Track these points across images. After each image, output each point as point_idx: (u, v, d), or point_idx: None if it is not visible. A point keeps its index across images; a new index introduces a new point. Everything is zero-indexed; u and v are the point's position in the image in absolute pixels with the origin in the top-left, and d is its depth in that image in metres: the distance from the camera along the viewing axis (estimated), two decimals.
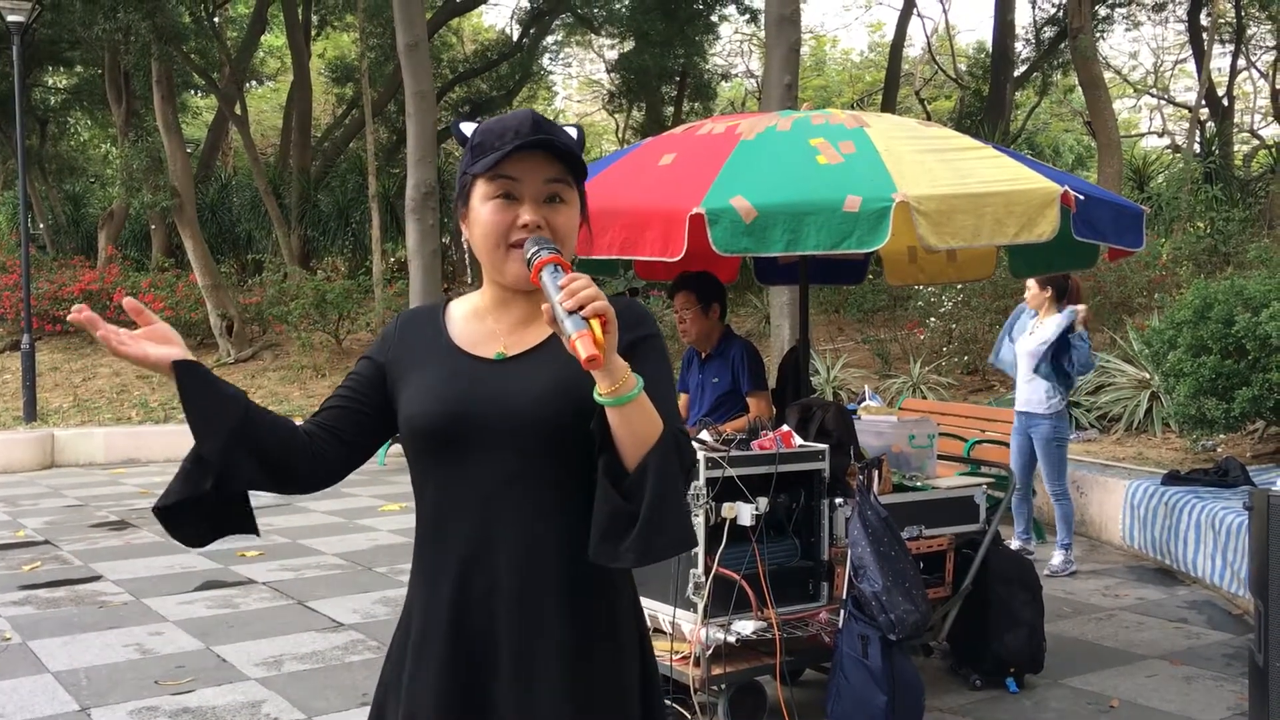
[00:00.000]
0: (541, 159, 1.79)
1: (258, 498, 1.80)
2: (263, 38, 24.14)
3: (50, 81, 24.81)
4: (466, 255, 1.89)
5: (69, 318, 1.73)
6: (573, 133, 1.88)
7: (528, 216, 1.78)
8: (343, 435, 1.87)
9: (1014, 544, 6.99)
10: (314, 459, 1.84)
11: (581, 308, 1.59)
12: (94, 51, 18.87)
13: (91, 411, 14.21)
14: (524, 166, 1.78)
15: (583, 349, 1.57)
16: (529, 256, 1.72)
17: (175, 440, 12.73)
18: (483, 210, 1.80)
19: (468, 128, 1.85)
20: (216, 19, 20.06)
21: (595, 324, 1.59)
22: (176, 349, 1.76)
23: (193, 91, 25.35)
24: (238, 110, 19.71)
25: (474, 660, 1.78)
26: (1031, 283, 6.73)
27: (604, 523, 1.67)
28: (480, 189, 1.81)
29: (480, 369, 1.82)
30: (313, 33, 22.97)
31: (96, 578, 6.89)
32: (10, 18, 13.98)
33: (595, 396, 1.64)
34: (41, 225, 22.06)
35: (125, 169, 16.94)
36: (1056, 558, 6.73)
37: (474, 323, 1.89)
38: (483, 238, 1.81)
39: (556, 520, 1.76)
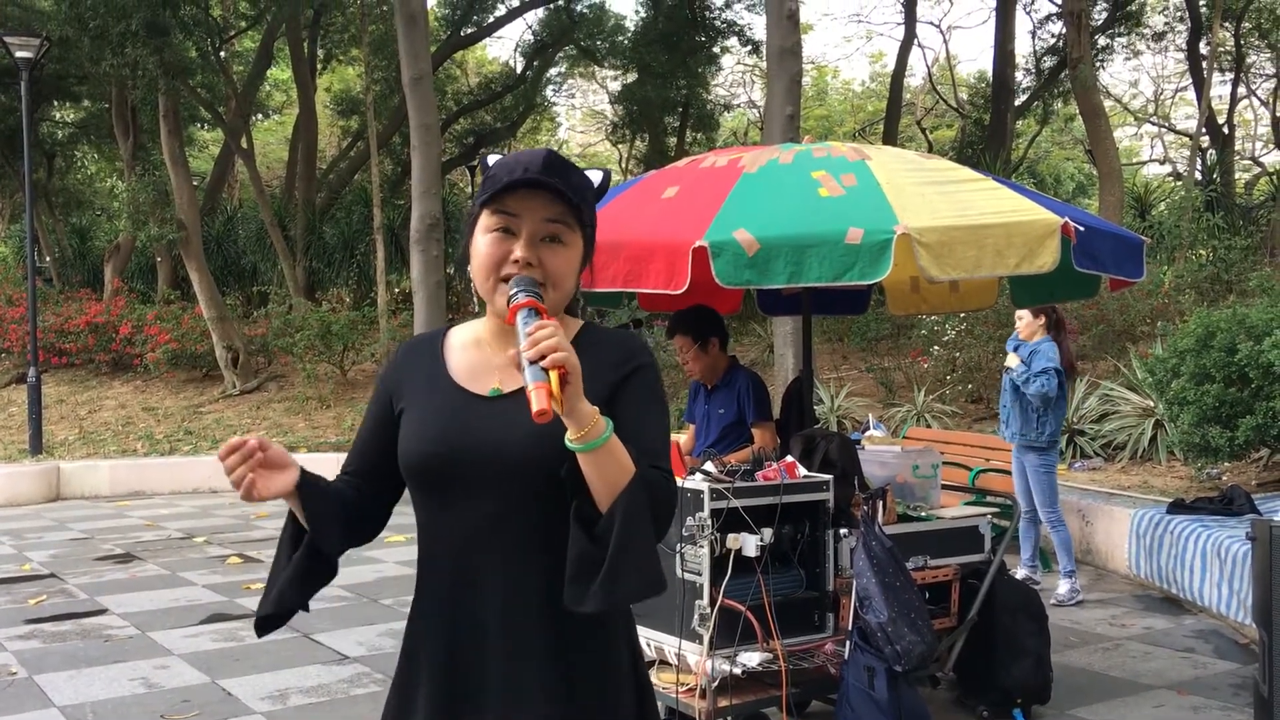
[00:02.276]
0: (545, 198, 1.80)
1: (265, 528, 1.83)
2: (268, 71, 24.32)
3: (58, 116, 24.97)
4: (472, 284, 1.91)
5: (224, 458, 1.73)
6: (596, 176, 1.90)
7: (520, 253, 1.80)
8: (380, 473, 1.93)
9: (1020, 572, 6.98)
10: (371, 510, 1.94)
11: (542, 358, 1.61)
12: (101, 86, 19.02)
13: (97, 444, 14.23)
14: (526, 204, 1.80)
15: (535, 402, 1.58)
16: (509, 296, 1.75)
17: (180, 473, 12.75)
18: (481, 241, 1.83)
19: (493, 159, 1.88)
20: (223, 54, 20.20)
21: (554, 376, 1.60)
22: (293, 469, 1.80)
23: (199, 125, 25.50)
24: (244, 143, 19.82)
25: (463, 693, 1.81)
26: (1025, 314, 6.80)
27: (573, 566, 1.70)
28: (483, 220, 1.83)
29: (473, 406, 1.84)
30: (318, 66, 23.13)
31: (102, 611, 6.89)
32: (19, 53, 14.12)
33: (566, 441, 1.67)
34: (48, 258, 22.17)
35: (131, 202, 17.05)
36: (1062, 587, 6.72)
37: (473, 352, 1.91)
38: (478, 268, 1.84)
39: (541, 557, 1.78)
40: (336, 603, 6.87)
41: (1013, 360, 6.79)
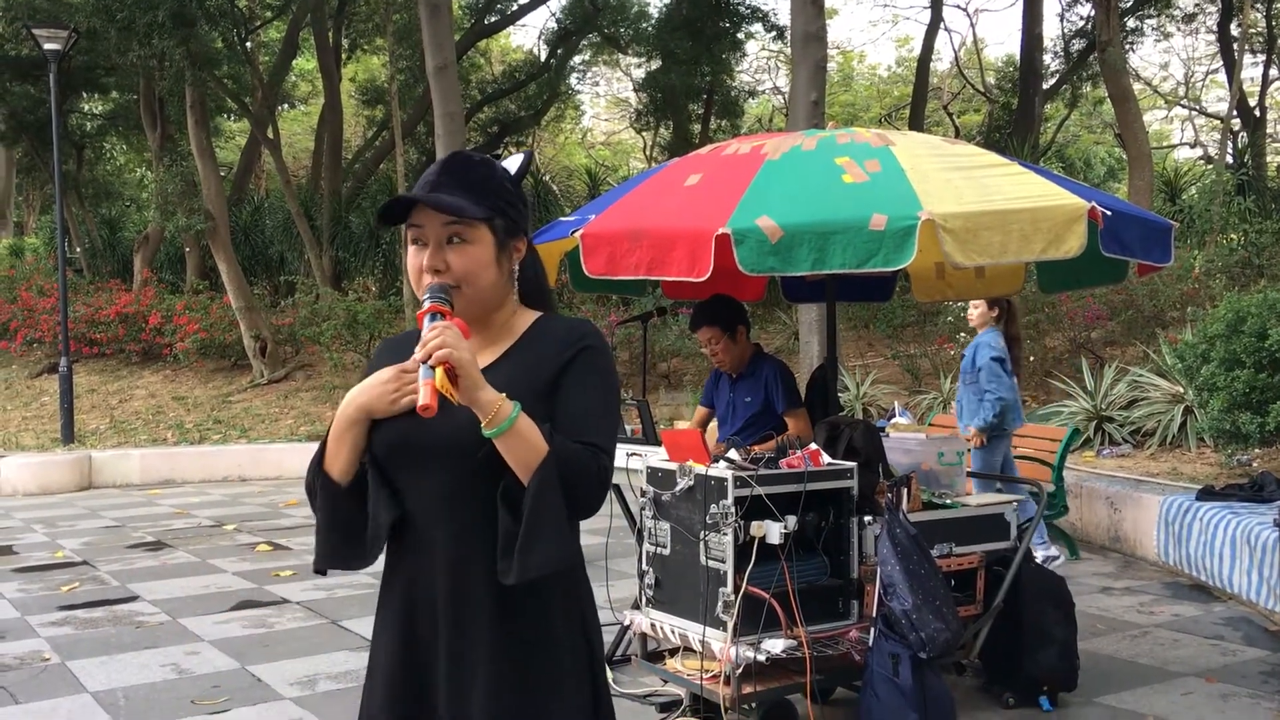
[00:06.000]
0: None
1: (293, 516, 1.87)
2: (294, 62, 24.39)
3: (86, 107, 25.13)
4: None
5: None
6: (513, 164, 2.04)
7: (426, 261, 1.95)
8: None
9: (1038, 554, 6.96)
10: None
11: (430, 357, 1.77)
12: (129, 78, 19.13)
13: (128, 433, 14.37)
14: (427, 213, 1.94)
15: (420, 397, 1.75)
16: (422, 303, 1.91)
17: (209, 461, 12.87)
18: (407, 254, 1.99)
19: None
20: (249, 44, 20.27)
21: (438, 373, 1.76)
22: None
23: (226, 116, 25.60)
24: (270, 134, 19.88)
25: (419, 661, 1.99)
26: (980, 302, 6.90)
27: (500, 542, 1.87)
28: (408, 234, 1.99)
29: None
30: (343, 56, 23.16)
31: (133, 598, 6.97)
32: (47, 45, 14.23)
33: (481, 429, 1.83)
34: (78, 249, 22.35)
35: (160, 193, 17.15)
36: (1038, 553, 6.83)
37: None
38: (411, 280, 2.00)
39: (483, 536, 1.91)
40: (364, 589, 6.93)
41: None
